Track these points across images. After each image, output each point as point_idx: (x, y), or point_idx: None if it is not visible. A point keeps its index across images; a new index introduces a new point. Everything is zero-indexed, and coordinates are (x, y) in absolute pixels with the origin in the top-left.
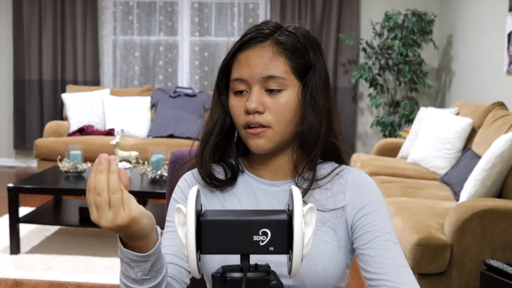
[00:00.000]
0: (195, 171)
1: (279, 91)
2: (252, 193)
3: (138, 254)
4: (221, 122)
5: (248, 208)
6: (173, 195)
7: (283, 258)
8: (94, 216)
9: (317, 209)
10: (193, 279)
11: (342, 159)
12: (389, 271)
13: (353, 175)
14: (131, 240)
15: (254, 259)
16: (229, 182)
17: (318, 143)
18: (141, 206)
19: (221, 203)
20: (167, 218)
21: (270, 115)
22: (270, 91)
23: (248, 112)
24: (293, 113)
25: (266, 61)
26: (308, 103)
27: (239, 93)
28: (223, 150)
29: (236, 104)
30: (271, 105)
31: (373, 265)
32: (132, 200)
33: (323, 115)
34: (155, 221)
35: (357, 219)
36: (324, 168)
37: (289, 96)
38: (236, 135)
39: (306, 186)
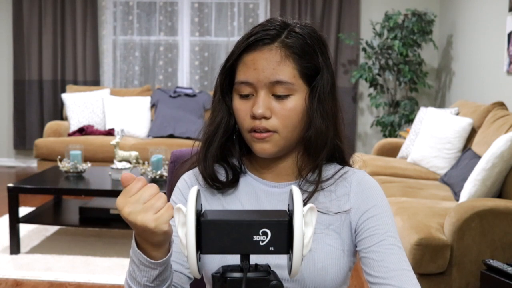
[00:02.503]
0: (195, 170)
1: (286, 96)
2: (255, 195)
3: (148, 259)
4: (225, 124)
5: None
6: (172, 196)
7: (284, 260)
8: (123, 200)
9: (322, 213)
10: (194, 279)
11: (345, 161)
12: (393, 276)
13: (358, 177)
14: (143, 242)
15: (254, 259)
16: (231, 184)
17: (325, 148)
18: (169, 228)
19: (222, 205)
20: None
21: (276, 120)
22: (277, 96)
23: (254, 117)
24: (300, 118)
25: (274, 65)
26: (316, 107)
27: (245, 96)
28: (226, 150)
29: (241, 107)
30: (278, 110)
31: (377, 269)
32: (165, 217)
33: (330, 119)
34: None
35: (361, 222)
36: (328, 170)
37: (296, 101)
38: (238, 133)
39: (310, 189)
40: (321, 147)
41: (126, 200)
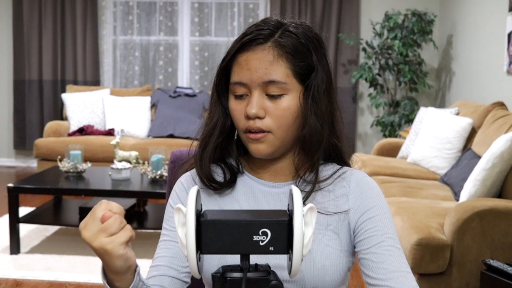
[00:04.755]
0: (193, 172)
1: (280, 95)
2: (252, 195)
3: None
4: (221, 124)
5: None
6: (169, 200)
7: (283, 261)
8: (83, 223)
9: (320, 213)
10: (193, 280)
11: (344, 160)
12: (392, 277)
13: (357, 178)
14: (107, 271)
15: (254, 259)
16: (228, 184)
17: (321, 147)
18: (128, 252)
19: (219, 206)
20: (164, 225)
21: (270, 120)
22: (271, 96)
23: (248, 117)
24: (295, 117)
25: (266, 65)
26: (310, 106)
27: (239, 96)
28: (224, 150)
29: (236, 108)
30: (272, 109)
31: (376, 270)
32: (121, 239)
33: (325, 117)
34: (134, 265)
35: (360, 223)
36: (326, 170)
37: (290, 101)
38: (236, 133)
39: (308, 188)
40: (317, 146)
41: (85, 226)
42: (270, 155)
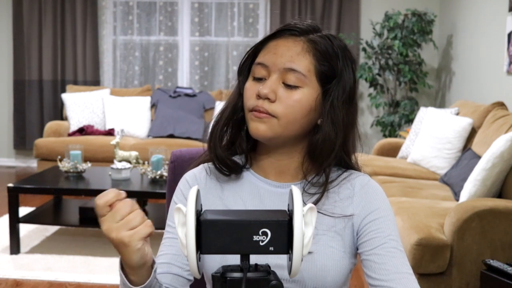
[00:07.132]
0: (197, 169)
1: (296, 87)
2: (258, 194)
3: (127, 282)
4: (234, 104)
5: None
6: (173, 196)
7: (284, 261)
8: (101, 217)
9: (325, 215)
10: (195, 278)
11: (351, 167)
12: (394, 279)
13: (362, 181)
14: (124, 264)
15: (254, 259)
16: (238, 170)
17: (332, 155)
18: (145, 248)
19: (225, 204)
20: (167, 222)
21: (280, 106)
22: (287, 85)
23: (259, 96)
24: (304, 113)
25: (292, 54)
26: (327, 112)
27: (258, 79)
28: (234, 138)
29: (250, 87)
30: (283, 97)
31: (378, 272)
32: (141, 233)
33: (341, 128)
34: (150, 262)
35: (363, 225)
36: (331, 172)
37: (304, 95)
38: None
39: (314, 191)
40: (328, 153)
41: (104, 218)
42: (268, 139)
